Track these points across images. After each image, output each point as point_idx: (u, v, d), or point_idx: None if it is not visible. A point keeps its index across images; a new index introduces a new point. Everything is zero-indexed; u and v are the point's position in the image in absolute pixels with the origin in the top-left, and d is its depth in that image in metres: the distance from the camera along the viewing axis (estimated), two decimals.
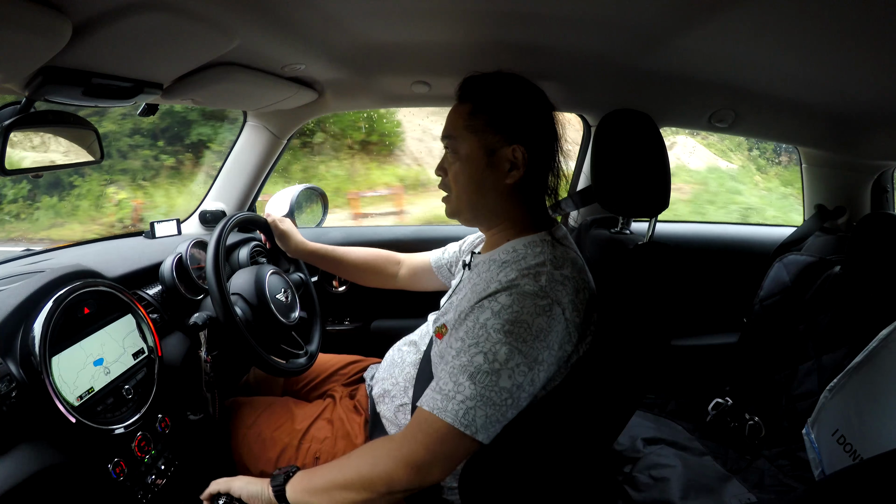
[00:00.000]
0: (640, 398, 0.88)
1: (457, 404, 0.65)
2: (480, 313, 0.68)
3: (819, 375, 1.20)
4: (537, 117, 0.76)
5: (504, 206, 0.79)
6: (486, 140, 0.76)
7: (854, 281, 1.22)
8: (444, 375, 0.68)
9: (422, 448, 0.66)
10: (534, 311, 0.67)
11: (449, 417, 0.65)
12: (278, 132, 1.45)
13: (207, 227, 1.46)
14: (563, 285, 0.70)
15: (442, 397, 0.66)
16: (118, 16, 0.61)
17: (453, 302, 0.80)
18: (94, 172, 4.12)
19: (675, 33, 0.85)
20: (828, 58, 0.87)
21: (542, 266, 0.71)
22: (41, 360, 0.71)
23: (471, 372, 0.66)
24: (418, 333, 0.98)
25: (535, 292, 0.68)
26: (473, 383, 0.65)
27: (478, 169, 0.77)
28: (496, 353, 0.66)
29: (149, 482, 0.85)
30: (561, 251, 0.76)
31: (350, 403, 1.02)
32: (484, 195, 0.78)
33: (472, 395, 0.65)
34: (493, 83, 0.78)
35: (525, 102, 0.77)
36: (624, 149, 0.88)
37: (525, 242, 0.77)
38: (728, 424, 1.31)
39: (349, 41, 0.95)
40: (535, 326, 0.66)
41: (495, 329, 0.66)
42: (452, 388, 0.66)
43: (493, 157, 0.76)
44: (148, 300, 1.01)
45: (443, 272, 1.11)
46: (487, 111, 0.76)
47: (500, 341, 0.66)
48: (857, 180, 1.47)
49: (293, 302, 1.10)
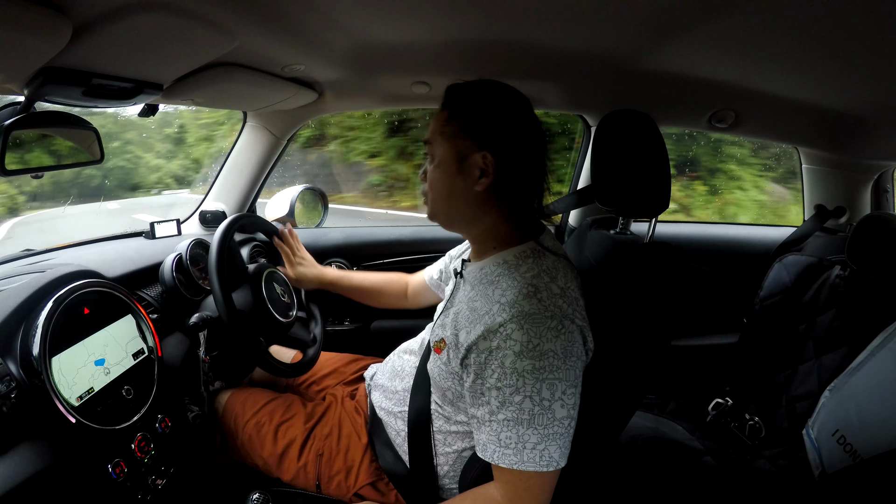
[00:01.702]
0: (640, 398, 0.88)
1: (529, 452, 0.67)
2: (501, 356, 0.67)
3: (819, 375, 1.20)
4: (510, 123, 0.75)
5: (477, 212, 0.78)
6: (458, 146, 0.75)
7: (854, 281, 1.22)
8: (500, 427, 0.68)
9: (529, 501, 0.69)
10: (550, 335, 0.66)
11: (531, 467, 0.67)
12: (278, 132, 1.45)
13: (207, 228, 1.46)
14: (562, 298, 0.70)
15: (512, 451, 0.67)
16: (118, 16, 0.61)
17: (449, 315, 0.79)
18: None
19: (675, 33, 0.85)
20: (828, 58, 0.87)
21: (537, 279, 0.71)
22: (41, 360, 0.71)
23: (526, 420, 0.66)
24: (418, 342, 0.99)
25: (542, 313, 0.67)
26: (534, 429, 0.66)
27: (449, 174, 0.76)
28: (540, 392, 0.66)
29: (149, 482, 0.84)
30: (552, 261, 0.75)
31: (351, 404, 1.02)
32: (455, 201, 0.78)
33: (539, 440, 0.66)
34: (470, 90, 0.77)
35: (498, 109, 0.75)
36: (624, 149, 0.88)
37: (515, 254, 0.76)
38: (728, 424, 1.32)
39: (349, 41, 0.95)
40: (559, 350, 0.67)
41: (527, 370, 0.66)
42: (517, 439, 0.67)
43: (463, 164, 0.75)
44: (148, 300, 1.02)
45: (438, 287, 1.13)
46: (460, 117, 0.76)
47: (538, 379, 0.66)
48: (857, 180, 1.47)
49: (292, 302, 1.10)
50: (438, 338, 0.79)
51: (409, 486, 0.87)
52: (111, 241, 1.31)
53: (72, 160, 0.91)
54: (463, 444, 0.81)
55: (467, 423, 0.79)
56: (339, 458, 0.93)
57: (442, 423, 0.83)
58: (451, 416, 0.81)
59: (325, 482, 0.92)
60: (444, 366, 0.77)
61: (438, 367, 0.79)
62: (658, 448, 1.24)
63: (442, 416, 0.82)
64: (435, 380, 0.81)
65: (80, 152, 0.91)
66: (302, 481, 0.93)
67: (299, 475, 0.93)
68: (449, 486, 0.84)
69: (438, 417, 0.83)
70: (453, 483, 0.84)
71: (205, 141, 5.58)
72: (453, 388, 0.77)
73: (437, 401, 0.83)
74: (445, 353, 0.77)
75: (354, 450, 0.93)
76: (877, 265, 1.15)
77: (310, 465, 0.93)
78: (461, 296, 0.80)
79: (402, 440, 0.88)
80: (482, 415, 0.70)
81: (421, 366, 0.88)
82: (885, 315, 1.09)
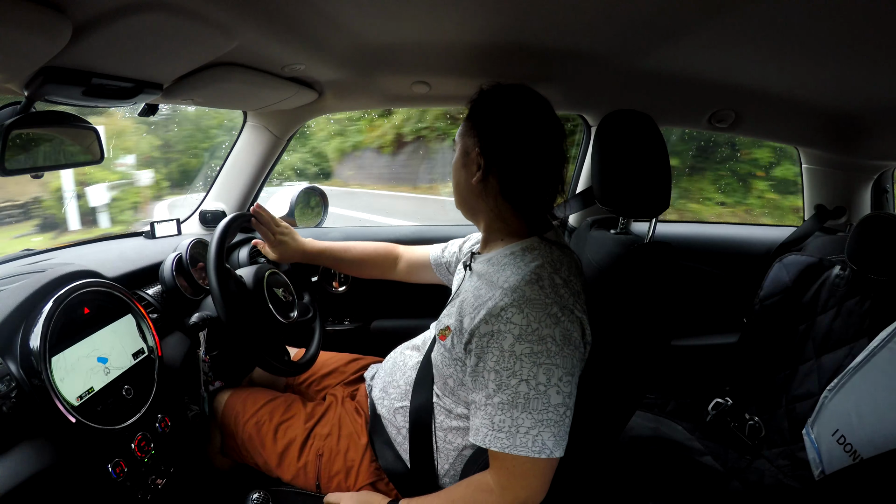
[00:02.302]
0: (640, 398, 0.88)
1: (522, 437, 0.68)
2: (501, 339, 0.69)
3: (819, 375, 1.20)
4: (509, 124, 0.76)
5: (477, 203, 0.82)
6: (466, 142, 0.81)
7: (854, 281, 1.22)
8: (494, 411, 0.69)
9: (521, 489, 0.70)
10: (550, 321, 0.68)
11: (522, 451, 0.68)
12: (278, 132, 1.45)
13: (207, 228, 1.46)
14: (564, 288, 0.71)
15: (505, 434, 0.68)
16: (118, 16, 0.61)
17: (455, 304, 0.81)
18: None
19: (676, 34, 0.85)
20: (828, 58, 0.87)
21: (541, 269, 0.72)
22: (41, 359, 0.71)
23: (521, 403, 0.67)
24: (421, 339, 0.99)
25: (542, 299, 0.69)
26: (529, 413, 0.67)
27: (457, 167, 0.83)
28: (536, 377, 0.67)
29: (149, 482, 0.85)
30: (557, 254, 0.77)
31: (351, 405, 1.02)
32: (460, 192, 0.84)
33: (532, 424, 0.67)
34: (490, 92, 0.81)
35: (502, 109, 0.77)
36: (624, 149, 0.88)
37: (522, 246, 0.78)
38: (728, 424, 1.32)
39: (349, 41, 0.95)
40: (558, 336, 0.68)
41: (525, 354, 0.67)
42: (510, 423, 0.68)
43: (467, 158, 0.81)
44: (148, 300, 1.02)
45: (441, 270, 1.12)
46: (474, 115, 0.81)
47: (535, 363, 0.67)
48: (857, 180, 1.47)
49: (292, 301, 1.10)
50: (444, 326, 0.81)
51: (409, 485, 0.87)
52: (111, 241, 1.31)
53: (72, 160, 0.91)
54: (463, 442, 0.82)
55: (467, 417, 0.80)
56: (339, 459, 0.93)
57: (443, 417, 0.83)
58: (452, 408, 0.81)
59: (325, 482, 0.92)
60: (447, 352, 0.79)
61: (442, 354, 0.81)
62: (658, 448, 1.24)
63: (443, 410, 0.83)
64: (438, 367, 0.82)
65: (80, 152, 0.91)
66: (302, 481, 0.93)
67: (299, 475, 0.93)
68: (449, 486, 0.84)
69: (440, 412, 0.83)
70: (453, 483, 0.84)
71: (337, 136, 6.02)
72: (455, 375, 0.78)
73: (439, 391, 0.84)
74: (449, 340, 0.78)
75: (354, 450, 0.93)
76: (877, 265, 1.16)
77: (310, 465, 0.93)
78: (467, 285, 0.81)
79: (403, 438, 0.88)
80: (479, 399, 0.72)
81: (425, 360, 0.88)
82: (885, 315, 1.09)
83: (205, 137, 4.21)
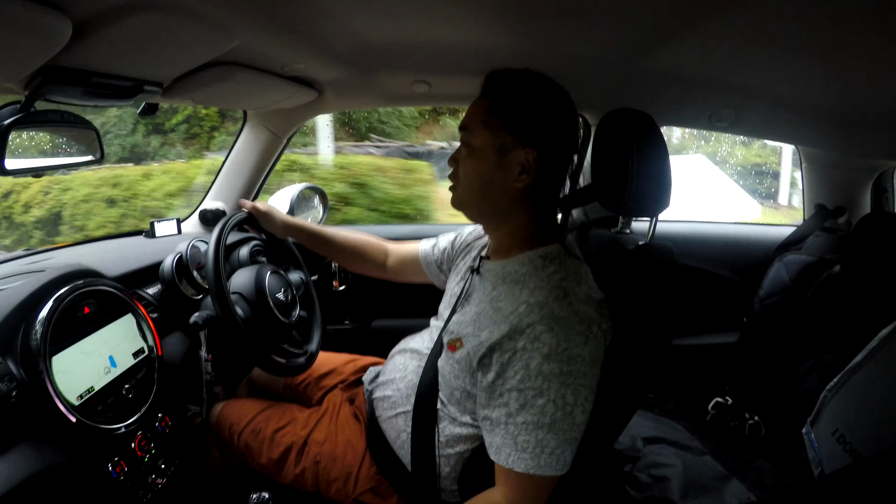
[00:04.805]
0: (641, 397, 0.88)
1: (547, 457, 0.67)
2: (527, 358, 0.67)
3: (819, 375, 1.20)
4: (558, 123, 0.73)
5: (510, 209, 0.77)
6: (501, 139, 0.73)
7: (854, 281, 1.22)
8: (518, 430, 0.67)
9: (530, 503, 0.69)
10: (579, 340, 0.66)
11: (548, 471, 0.67)
12: (278, 131, 1.45)
13: (207, 227, 1.46)
14: (586, 303, 0.70)
15: (529, 455, 0.67)
16: (118, 16, 0.61)
17: (469, 313, 0.78)
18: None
19: (675, 33, 0.85)
20: (828, 58, 0.87)
21: (566, 282, 0.70)
22: (41, 359, 0.71)
23: (547, 424, 0.66)
24: (420, 340, 0.96)
25: (571, 317, 0.67)
26: (555, 434, 0.66)
27: (487, 167, 0.75)
28: (564, 397, 0.66)
29: (149, 482, 0.85)
30: (576, 264, 0.75)
31: (349, 409, 1.01)
32: (490, 194, 0.76)
33: (557, 444, 0.66)
34: (516, 81, 0.75)
35: (546, 105, 0.74)
36: (624, 149, 0.88)
37: (541, 254, 0.75)
38: (728, 424, 1.32)
39: (349, 41, 0.95)
40: (587, 356, 0.67)
41: (553, 374, 0.66)
42: (535, 443, 0.66)
43: (504, 158, 0.73)
44: (148, 299, 1.01)
45: (431, 269, 1.08)
46: (505, 109, 0.74)
47: (564, 384, 0.66)
48: (857, 180, 1.47)
49: (293, 301, 1.10)
50: (455, 336, 0.78)
51: (409, 488, 0.87)
52: (111, 240, 1.31)
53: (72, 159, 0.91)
54: (465, 446, 0.81)
55: (472, 425, 0.78)
56: (337, 465, 0.91)
57: (446, 423, 0.81)
58: (457, 416, 0.80)
59: (324, 488, 0.91)
60: (457, 364, 0.77)
61: (451, 365, 0.78)
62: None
63: (448, 418, 0.81)
64: (445, 377, 0.80)
65: (80, 151, 0.91)
66: (300, 487, 0.93)
67: (297, 481, 0.92)
68: (450, 488, 0.84)
69: (443, 418, 0.82)
70: (454, 484, 0.83)
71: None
72: (463, 387, 0.77)
73: (444, 399, 0.82)
74: (461, 352, 0.76)
75: (353, 456, 0.92)
76: (876, 265, 1.16)
77: (308, 471, 0.91)
78: (482, 294, 0.79)
79: (404, 441, 0.87)
80: (497, 416, 0.69)
81: (428, 364, 0.86)
82: (885, 315, 1.09)
83: None
